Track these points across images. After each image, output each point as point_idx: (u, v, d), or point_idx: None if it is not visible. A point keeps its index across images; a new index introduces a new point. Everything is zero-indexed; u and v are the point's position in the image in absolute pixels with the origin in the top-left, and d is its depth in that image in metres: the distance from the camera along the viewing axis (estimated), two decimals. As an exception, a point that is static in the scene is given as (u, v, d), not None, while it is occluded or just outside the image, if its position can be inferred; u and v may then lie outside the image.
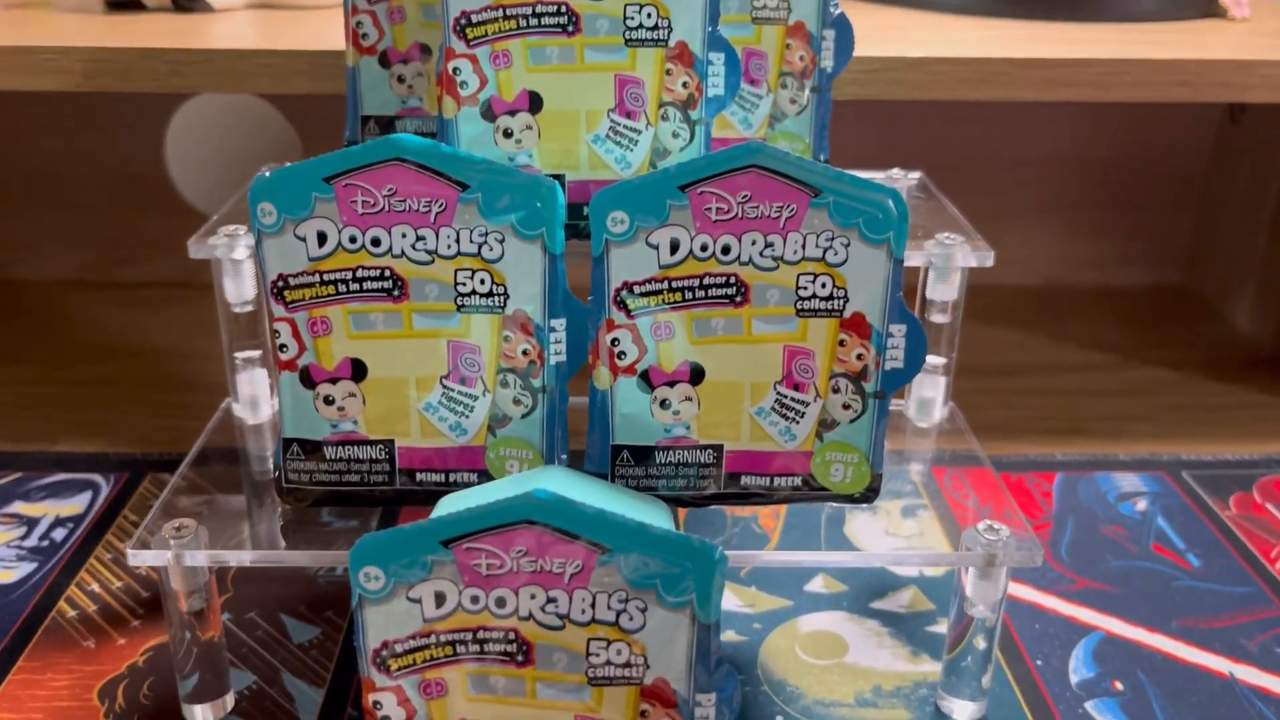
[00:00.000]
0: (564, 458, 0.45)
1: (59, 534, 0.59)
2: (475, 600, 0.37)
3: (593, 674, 0.38)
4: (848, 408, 0.44)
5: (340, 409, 0.44)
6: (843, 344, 0.43)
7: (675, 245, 0.42)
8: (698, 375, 0.44)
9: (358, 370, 0.44)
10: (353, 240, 0.42)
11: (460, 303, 0.43)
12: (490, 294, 0.43)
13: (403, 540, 0.36)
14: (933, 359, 0.55)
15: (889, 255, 0.42)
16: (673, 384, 0.44)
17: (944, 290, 0.53)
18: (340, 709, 0.48)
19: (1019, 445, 0.69)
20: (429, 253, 0.42)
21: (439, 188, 0.41)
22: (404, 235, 0.42)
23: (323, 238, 0.42)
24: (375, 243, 0.42)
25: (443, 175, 0.41)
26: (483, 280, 0.43)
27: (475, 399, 0.44)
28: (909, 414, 0.57)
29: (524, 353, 0.44)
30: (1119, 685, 0.50)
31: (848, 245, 0.42)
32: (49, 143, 0.86)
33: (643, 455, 0.44)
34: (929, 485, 0.53)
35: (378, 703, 0.39)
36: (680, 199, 0.41)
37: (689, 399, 0.44)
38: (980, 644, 0.46)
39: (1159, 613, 0.54)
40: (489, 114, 0.46)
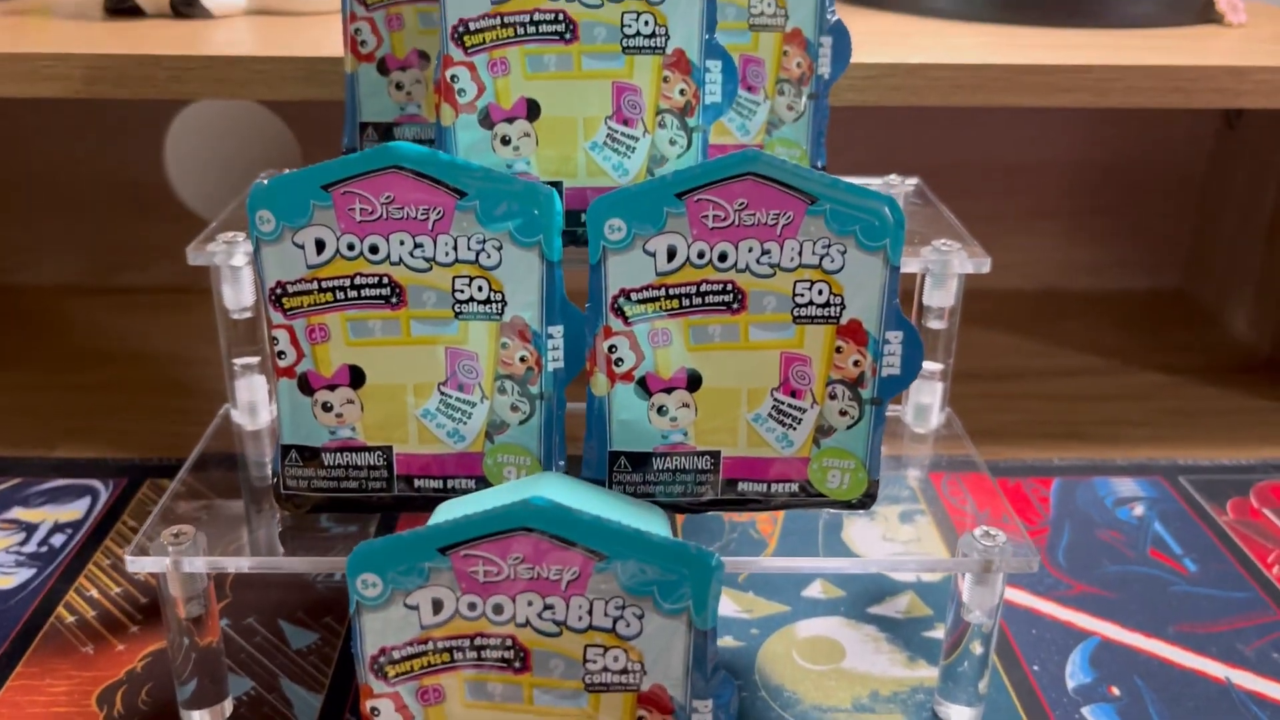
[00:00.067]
0: (562, 464, 0.45)
1: (58, 539, 0.59)
2: (472, 607, 0.37)
3: (590, 680, 0.38)
4: (845, 414, 0.44)
5: (338, 416, 0.44)
6: (839, 351, 0.43)
7: (672, 252, 0.42)
8: (695, 382, 0.44)
9: (356, 377, 0.44)
10: (351, 248, 0.42)
11: (458, 310, 0.43)
12: (488, 301, 0.43)
13: (400, 547, 0.37)
14: (930, 365, 0.55)
15: (885, 262, 0.42)
16: (670, 390, 0.44)
17: (941, 296, 0.54)
18: (338, 715, 0.48)
19: (1016, 450, 0.69)
20: (427, 260, 0.42)
21: (437, 195, 0.42)
22: (402, 243, 0.42)
23: (321, 245, 0.42)
24: (373, 250, 0.42)
25: (440, 183, 0.41)
26: (480, 287, 0.43)
27: (473, 406, 0.44)
28: (906, 420, 0.57)
29: (522, 359, 0.44)
30: (1115, 690, 0.50)
31: (844, 252, 0.42)
32: (48, 148, 0.86)
33: (640, 462, 0.45)
34: (926, 491, 0.53)
35: (375, 709, 0.39)
36: (677, 206, 0.41)
37: (686, 405, 0.44)
38: (977, 649, 0.46)
39: (1156, 618, 0.54)
40: (487, 121, 0.46)
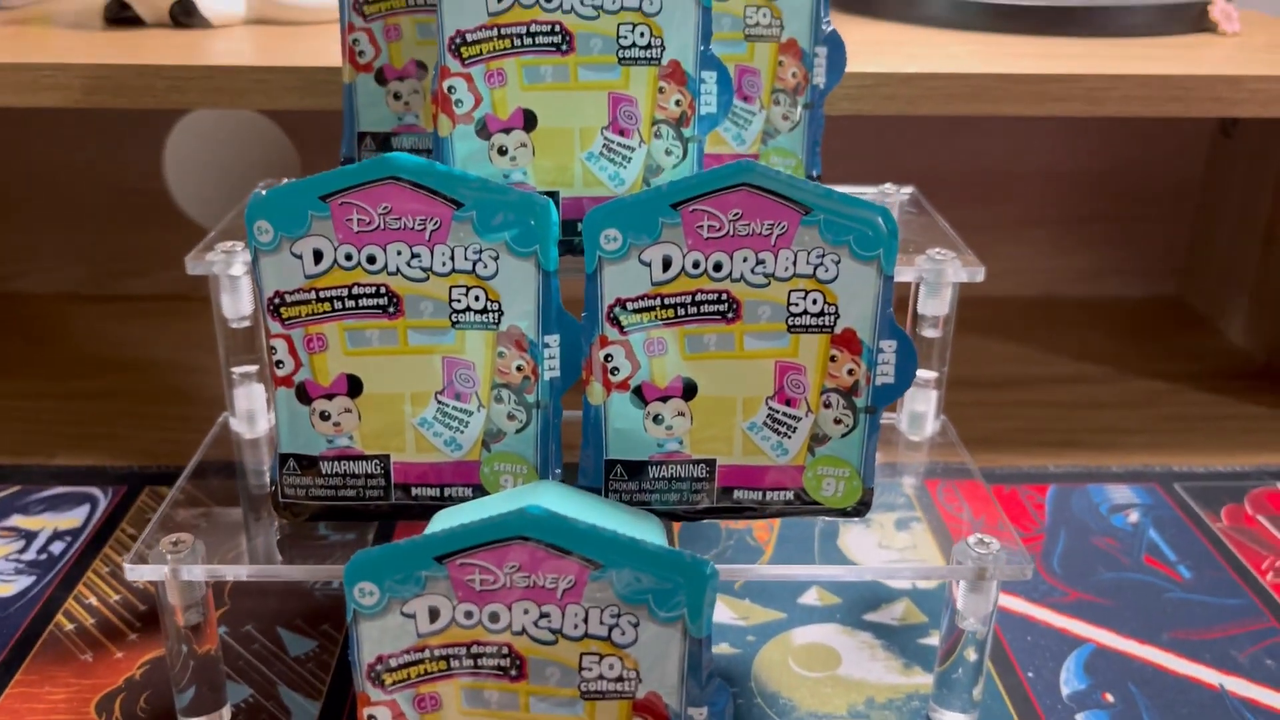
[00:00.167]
0: (558, 472, 0.46)
1: (57, 547, 0.59)
2: (469, 615, 0.38)
3: (585, 688, 0.39)
4: (839, 423, 0.44)
5: (336, 424, 0.44)
6: (834, 360, 0.44)
7: (668, 262, 0.42)
8: (690, 390, 0.44)
9: (353, 386, 0.44)
10: (348, 258, 0.42)
11: (455, 319, 0.43)
12: (485, 310, 0.43)
13: (397, 556, 0.37)
14: (924, 373, 0.55)
15: (879, 272, 0.42)
16: (665, 399, 0.44)
17: (935, 305, 0.54)
18: (336, 722, 0.48)
19: (1012, 457, 0.69)
20: (424, 270, 0.43)
21: (434, 206, 0.42)
22: (399, 253, 0.42)
23: (319, 255, 0.42)
24: (371, 260, 0.43)
25: (437, 193, 0.42)
26: (477, 297, 0.43)
27: (470, 414, 0.44)
28: (901, 427, 0.57)
29: (518, 368, 0.44)
30: (1109, 697, 0.50)
31: (838, 262, 0.42)
32: (48, 156, 0.86)
33: (636, 470, 0.45)
34: (922, 498, 0.53)
35: (372, 717, 0.39)
36: (672, 217, 0.42)
37: (682, 414, 0.44)
38: (971, 656, 0.46)
39: (1150, 625, 0.55)
40: (484, 132, 0.47)
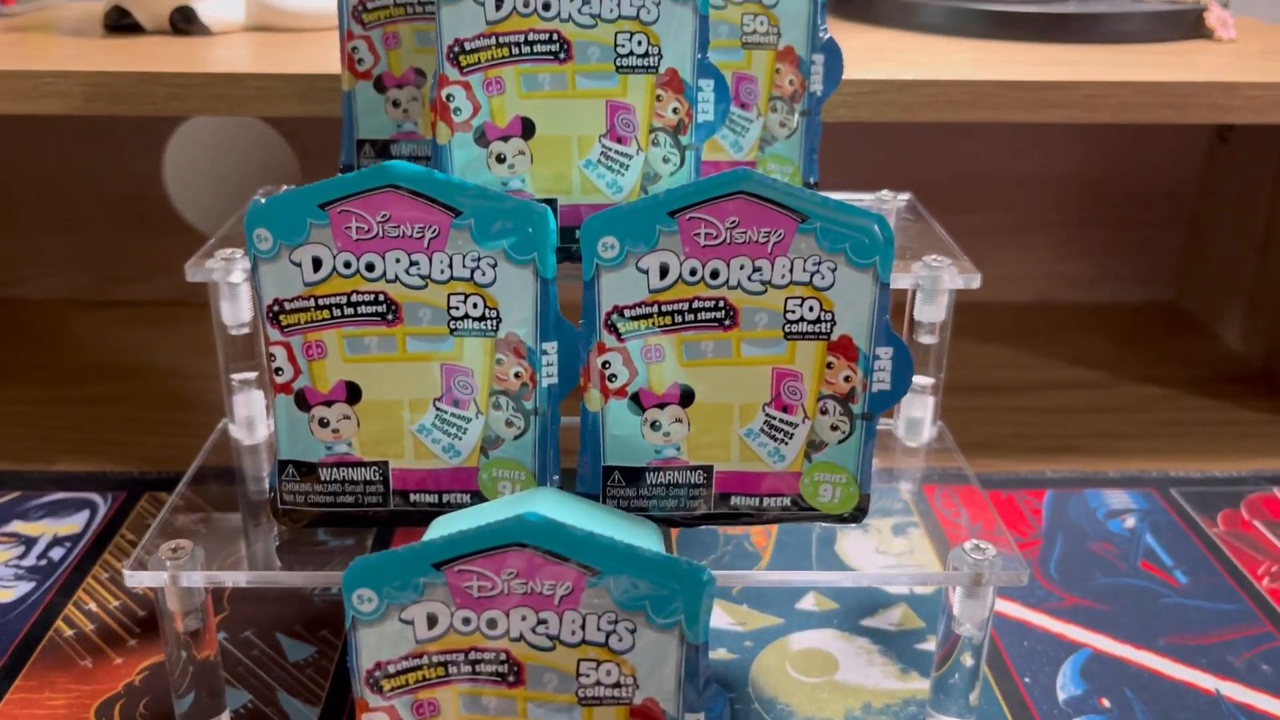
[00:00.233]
0: (556, 478, 0.46)
1: (56, 553, 0.59)
2: (467, 622, 0.38)
3: (583, 694, 0.39)
4: (836, 429, 0.44)
5: (335, 431, 0.45)
6: (830, 366, 0.44)
7: (665, 270, 0.43)
8: (688, 397, 0.44)
9: (352, 393, 0.44)
10: (347, 265, 0.43)
11: (453, 326, 0.44)
12: (483, 318, 0.43)
13: (395, 563, 0.37)
14: (921, 379, 0.56)
15: (875, 279, 0.43)
16: (663, 406, 0.44)
17: (931, 312, 0.54)
18: (335, 728, 0.48)
19: (1009, 462, 0.69)
20: (422, 277, 0.43)
21: (432, 214, 0.42)
22: (398, 260, 0.43)
23: (318, 263, 0.43)
24: (369, 268, 0.43)
25: (436, 201, 0.42)
26: (475, 304, 0.43)
27: (468, 421, 0.45)
28: (898, 433, 0.57)
29: (516, 375, 0.44)
30: (1106, 702, 0.50)
31: (835, 270, 0.42)
32: (48, 162, 0.86)
33: (634, 476, 0.45)
34: (919, 503, 0.53)
35: (371, 722, 0.39)
36: (669, 224, 0.42)
37: (679, 421, 0.44)
38: (968, 661, 0.46)
39: (1146, 630, 0.55)
40: (482, 140, 0.47)
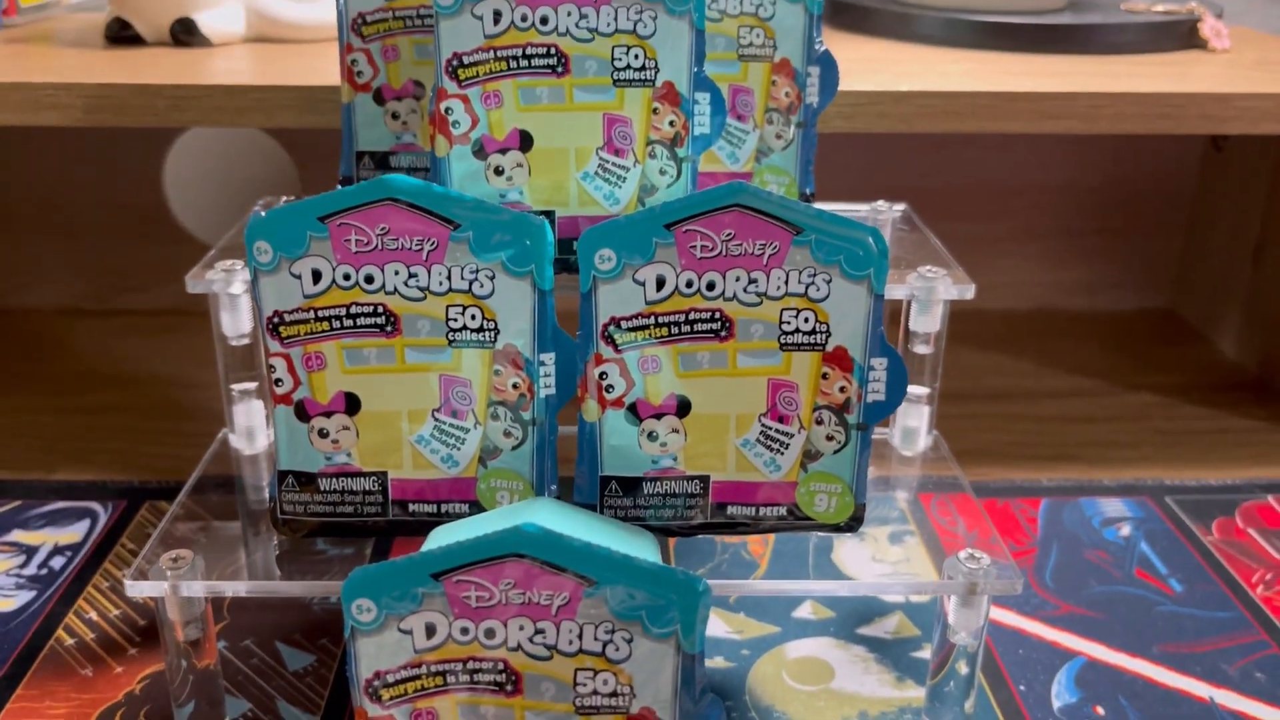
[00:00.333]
0: (554, 488, 0.46)
1: (57, 562, 0.59)
2: (465, 631, 0.38)
3: (580, 703, 0.39)
4: (831, 439, 0.45)
5: (334, 442, 0.45)
6: (825, 377, 0.44)
7: (661, 282, 0.43)
8: (684, 408, 0.45)
9: (351, 404, 0.45)
10: (347, 278, 0.43)
11: (451, 338, 0.44)
12: (481, 329, 0.44)
13: (394, 573, 0.37)
14: (916, 389, 0.56)
15: (870, 291, 0.43)
16: (660, 416, 0.45)
17: (926, 322, 0.54)
18: (334, 736, 0.49)
19: (1006, 470, 0.70)
20: (421, 289, 0.43)
21: (431, 226, 0.42)
22: (397, 272, 0.43)
23: (317, 275, 0.43)
24: (369, 280, 0.43)
25: (434, 214, 0.42)
26: (474, 316, 0.44)
27: (466, 431, 0.45)
28: (894, 442, 0.58)
29: (514, 386, 0.45)
30: (1100, 710, 0.50)
31: (829, 281, 0.43)
32: (48, 171, 0.87)
33: (631, 486, 0.45)
34: (915, 512, 0.54)
35: (370, 732, 0.39)
36: (666, 237, 0.42)
37: (676, 431, 0.45)
38: (963, 669, 0.46)
39: (1141, 638, 0.55)
40: (480, 152, 0.47)
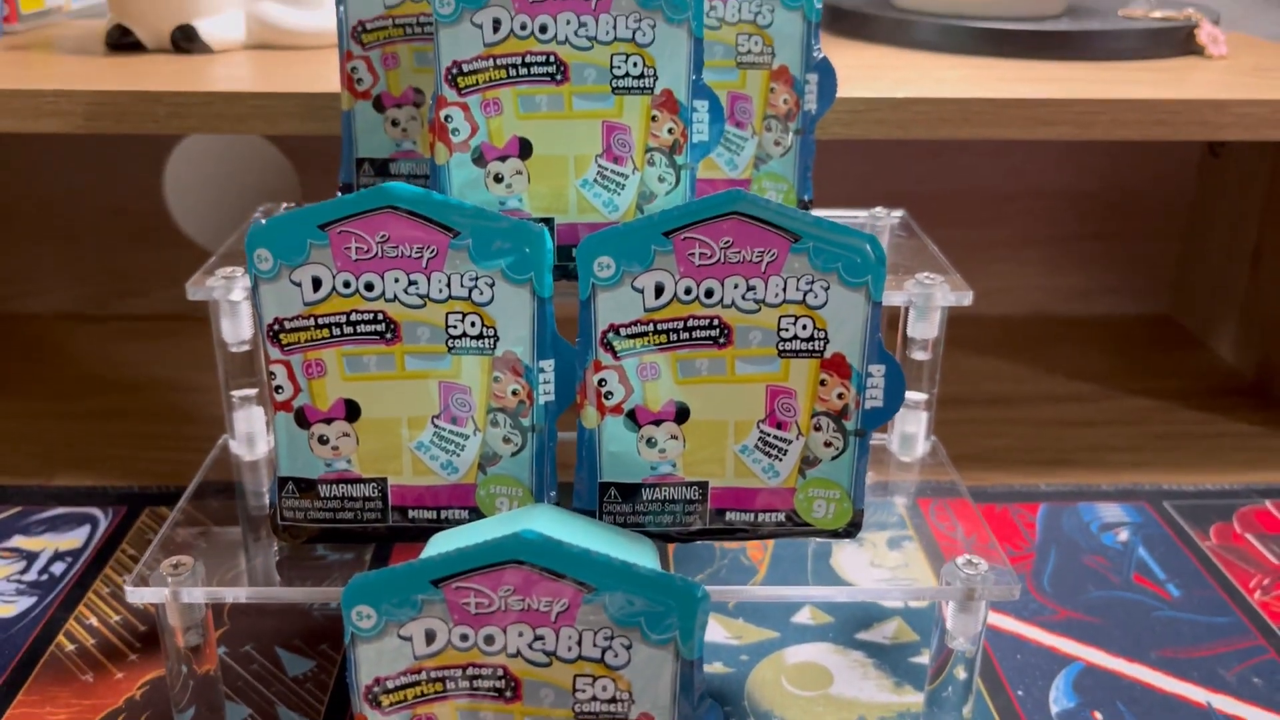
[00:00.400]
0: (553, 495, 0.46)
1: (58, 568, 0.60)
2: (465, 638, 0.38)
3: (579, 709, 0.39)
4: (829, 445, 0.45)
5: (334, 448, 0.45)
6: (824, 384, 0.44)
7: (660, 289, 0.43)
8: (683, 414, 0.45)
9: (351, 411, 0.45)
10: (347, 285, 0.43)
11: (451, 345, 0.44)
12: (480, 336, 0.44)
13: (394, 580, 0.37)
14: (914, 395, 0.56)
15: (868, 298, 0.43)
16: (659, 423, 0.45)
17: (924, 328, 0.55)
18: (334, 742, 0.49)
19: (1004, 475, 0.70)
20: (421, 297, 0.43)
21: (431, 234, 0.43)
22: (396, 280, 0.43)
23: (317, 283, 0.43)
24: (369, 287, 0.43)
25: (434, 222, 0.43)
26: (473, 323, 0.44)
27: (466, 438, 0.45)
28: (892, 448, 0.58)
29: (513, 393, 0.45)
30: (1098, 715, 0.51)
31: (827, 288, 0.43)
32: (48, 177, 0.87)
33: (630, 492, 0.46)
34: (914, 517, 0.54)
35: (370, 737, 0.40)
36: (664, 244, 0.43)
37: (675, 437, 0.45)
38: (961, 675, 0.47)
39: (1139, 643, 0.55)
40: (480, 160, 0.47)
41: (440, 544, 0.43)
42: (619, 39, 0.46)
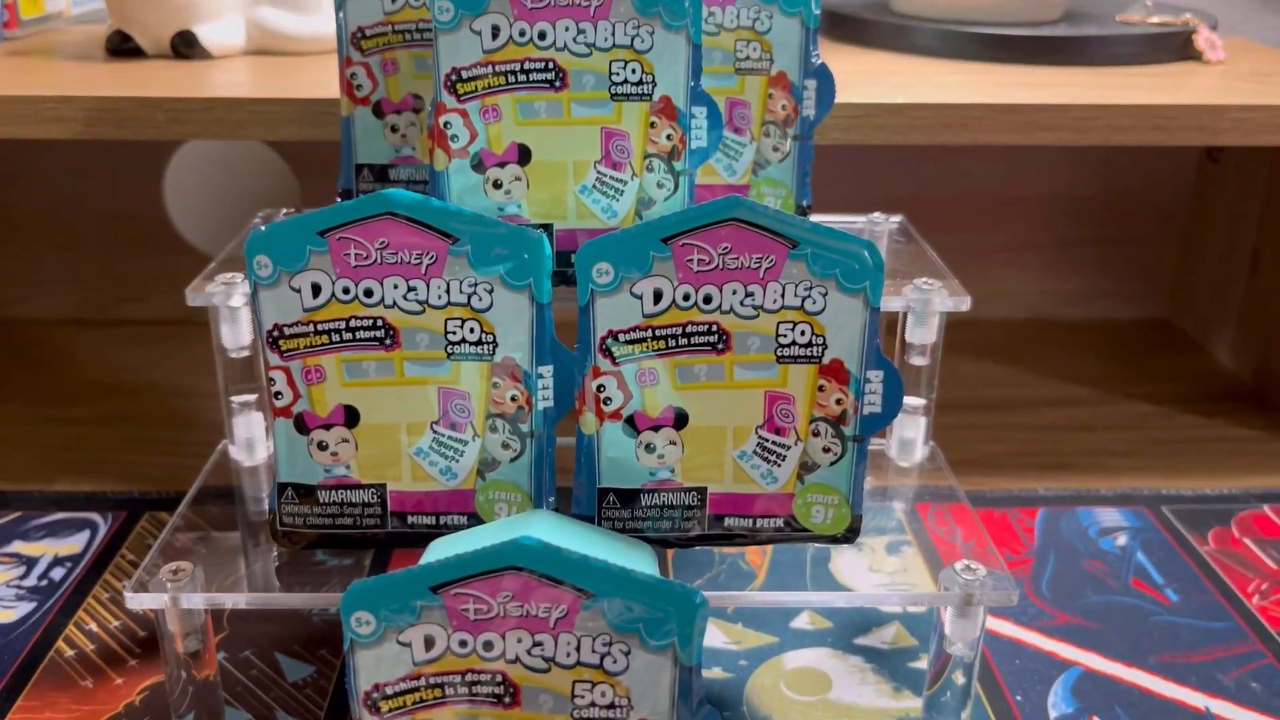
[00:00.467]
0: (552, 500, 0.46)
1: (57, 573, 0.60)
2: (463, 644, 0.38)
3: (578, 715, 0.39)
4: (828, 451, 0.45)
5: (333, 454, 0.45)
6: (822, 389, 0.44)
7: (658, 295, 0.43)
8: (681, 420, 0.45)
9: (350, 417, 0.45)
10: (346, 291, 0.43)
11: (450, 351, 0.44)
12: (479, 342, 0.44)
13: (393, 586, 0.38)
14: (913, 400, 0.56)
15: (866, 304, 0.43)
16: (657, 428, 0.45)
17: (922, 334, 0.55)
18: (333, 747, 0.49)
19: (1003, 480, 0.70)
20: (420, 303, 0.44)
21: (430, 240, 0.43)
22: (396, 286, 0.43)
23: (317, 289, 0.43)
24: (368, 294, 0.43)
25: (433, 228, 0.43)
26: (472, 329, 0.44)
27: (465, 444, 0.45)
28: (891, 454, 0.58)
29: (512, 399, 0.45)
30: (1097, 720, 0.51)
31: (825, 295, 0.43)
32: (48, 182, 0.87)
33: (628, 498, 0.46)
34: (912, 522, 0.54)
35: (369, 743, 0.40)
36: (663, 251, 0.43)
37: (673, 443, 0.45)
38: (959, 680, 0.47)
39: (1137, 648, 0.55)
40: (479, 166, 0.47)
41: (439, 550, 0.43)
42: (618, 45, 0.46)
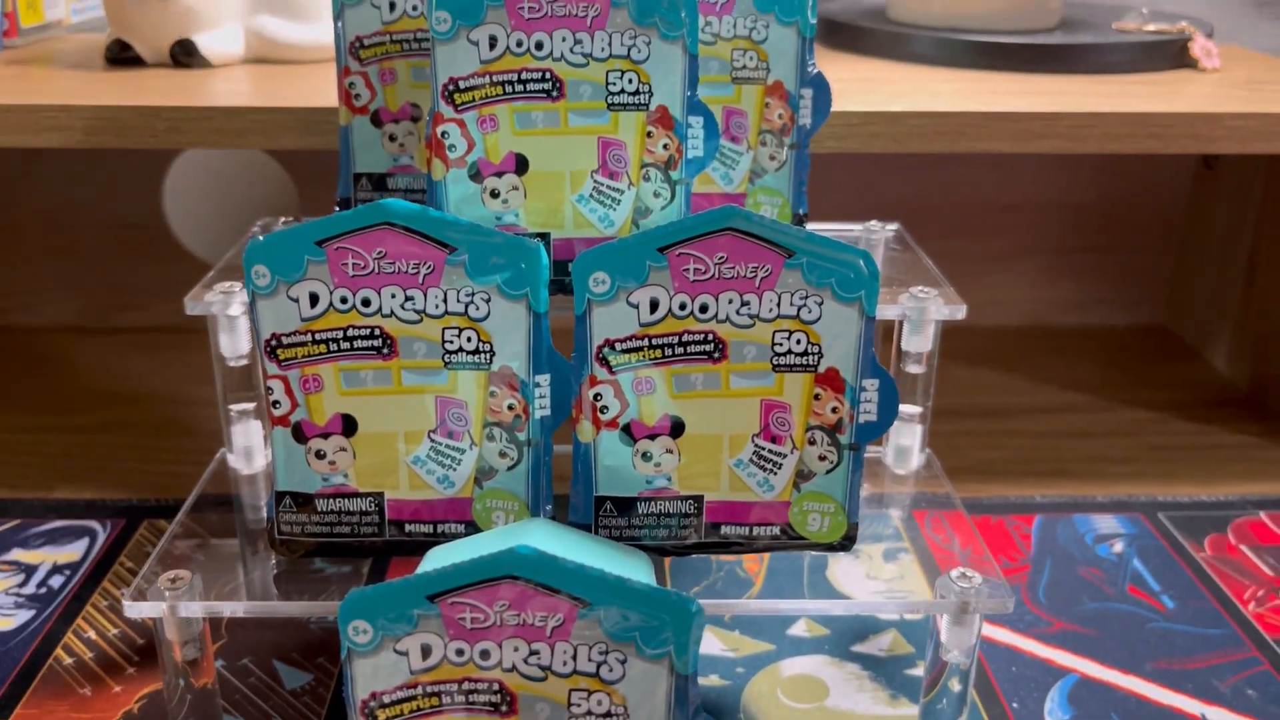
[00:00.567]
0: (549, 508, 0.46)
1: (56, 581, 0.60)
2: (460, 653, 0.38)
3: (575, 723, 0.39)
4: (824, 459, 0.45)
5: (331, 463, 0.45)
6: (818, 398, 0.45)
7: (655, 304, 0.43)
8: (678, 428, 0.45)
9: (348, 425, 0.45)
10: (344, 301, 0.44)
11: (448, 360, 0.44)
12: (477, 351, 0.44)
13: (390, 595, 0.38)
14: (909, 408, 0.56)
15: (861, 313, 0.43)
16: (654, 437, 0.45)
17: (918, 342, 0.55)
18: (331, 755, 0.49)
19: (999, 487, 0.70)
20: (417, 312, 0.44)
21: (427, 250, 0.43)
22: (393, 296, 0.44)
23: (315, 298, 0.43)
24: (365, 303, 0.44)
25: (430, 238, 0.43)
26: (469, 338, 0.44)
27: (462, 452, 0.45)
28: (887, 461, 0.58)
29: (509, 407, 0.45)
30: (1093, 727, 0.51)
31: (821, 304, 0.43)
32: (47, 190, 0.87)
33: (625, 506, 0.46)
34: (909, 529, 0.54)
35: (366, 751, 0.40)
36: (659, 260, 0.43)
37: (670, 451, 0.45)
38: (955, 687, 0.47)
39: (1133, 655, 0.55)
40: (477, 176, 0.48)
41: (436, 559, 0.43)
42: (614, 55, 0.47)
